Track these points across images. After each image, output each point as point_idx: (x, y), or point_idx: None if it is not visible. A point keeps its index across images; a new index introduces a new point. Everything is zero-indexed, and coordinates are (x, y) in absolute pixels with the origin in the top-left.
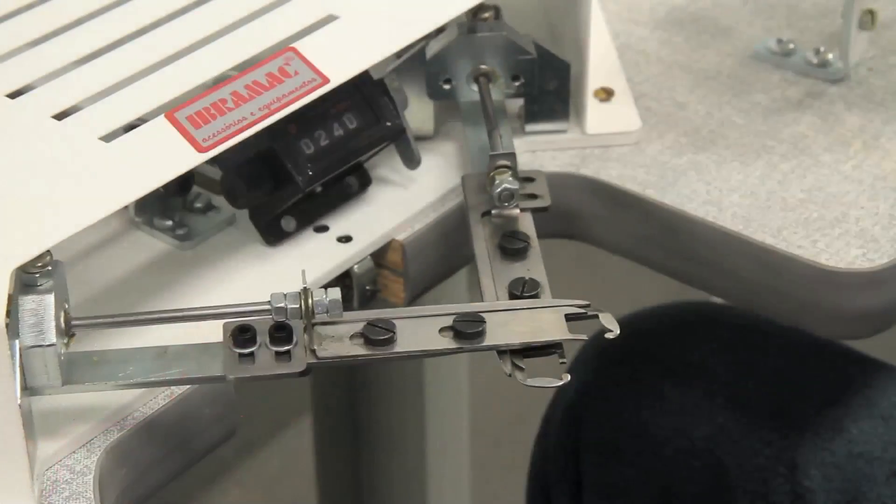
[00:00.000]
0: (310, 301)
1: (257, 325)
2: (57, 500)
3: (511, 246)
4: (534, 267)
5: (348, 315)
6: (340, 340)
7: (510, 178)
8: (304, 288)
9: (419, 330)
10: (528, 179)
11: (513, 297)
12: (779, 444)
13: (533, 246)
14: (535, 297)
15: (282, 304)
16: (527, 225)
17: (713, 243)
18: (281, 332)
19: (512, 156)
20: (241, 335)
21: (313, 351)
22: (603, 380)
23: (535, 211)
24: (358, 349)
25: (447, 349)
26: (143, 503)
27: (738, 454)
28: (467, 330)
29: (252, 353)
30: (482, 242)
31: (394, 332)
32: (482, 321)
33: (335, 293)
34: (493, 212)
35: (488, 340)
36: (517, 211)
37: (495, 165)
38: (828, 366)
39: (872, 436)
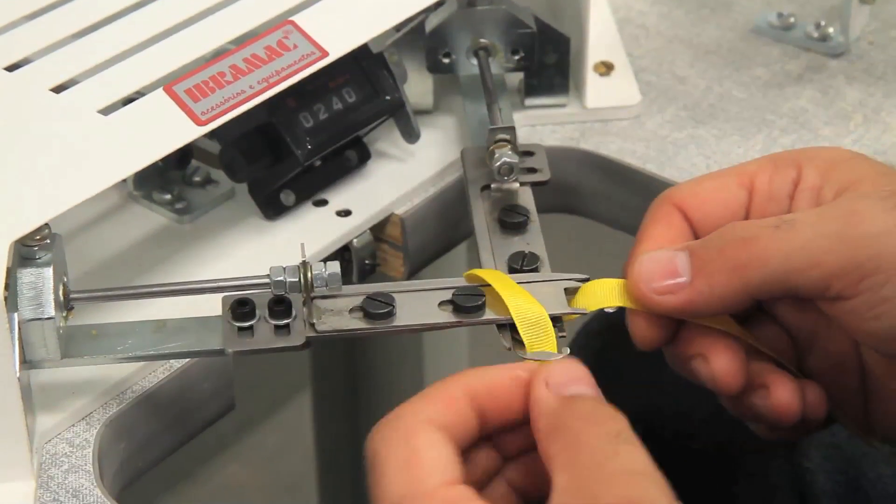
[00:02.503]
0: (309, 275)
1: (256, 298)
2: (56, 473)
3: (510, 220)
4: (533, 241)
5: (347, 289)
6: (339, 314)
7: (510, 152)
8: (304, 261)
9: (418, 304)
10: (528, 153)
11: (512, 270)
12: None
13: (532, 220)
14: (535, 270)
15: (281, 278)
16: (526, 199)
17: None
18: (280, 306)
19: (511, 129)
20: (240, 308)
21: (312, 324)
22: (603, 360)
23: (534, 185)
24: (357, 323)
25: (446, 323)
26: (142, 477)
27: (738, 436)
28: (467, 304)
29: (251, 327)
30: (481, 216)
31: (393, 306)
32: (481, 295)
33: (334, 267)
34: (492, 186)
35: (487, 314)
36: (517, 185)
37: (495, 139)
38: None
39: None
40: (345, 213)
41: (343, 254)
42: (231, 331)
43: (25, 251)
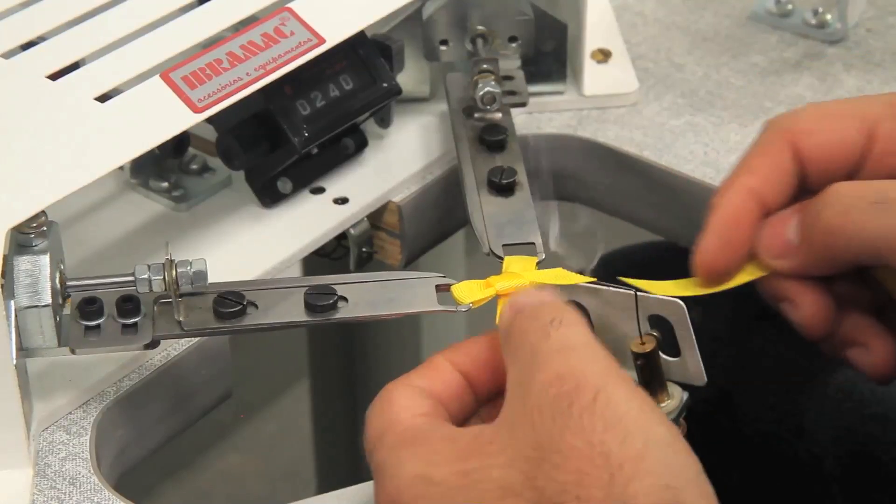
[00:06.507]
0: (174, 272)
1: (105, 297)
2: (53, 461)
3: (490, 138)
4: (512, 158)
5: (213, 286)
6: (209, 311)
7: (492, 82)
8: (169, 259)
9: (282, 302)
10: (508, 77)
11: (491, 184)
12: (783, 407)
13: (511, 139)
14: (513, 183)
15: (145, 276)
16: (505, 119)
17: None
18: (128, 304)
19: (495, 61)
20: (88, 307)
21: (179, 322)
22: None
23: (513, 106)
24: (212, 322)
25: (301, 321)
26: (140, 465)
27: (739, 418)
28: (318, 303)
29: (98, 326)
30: (463, 137)
31: (244, 305)
32: (333, 293)
33: (200, 264)
34: (475, 115)
35: (351, 312)
36: (499, 115)
37: (478, 70)
38: None
39: (886, 396)
40: (342, 201)
41: (340, 241)
42: (77, 329)
43: (22, 238)
